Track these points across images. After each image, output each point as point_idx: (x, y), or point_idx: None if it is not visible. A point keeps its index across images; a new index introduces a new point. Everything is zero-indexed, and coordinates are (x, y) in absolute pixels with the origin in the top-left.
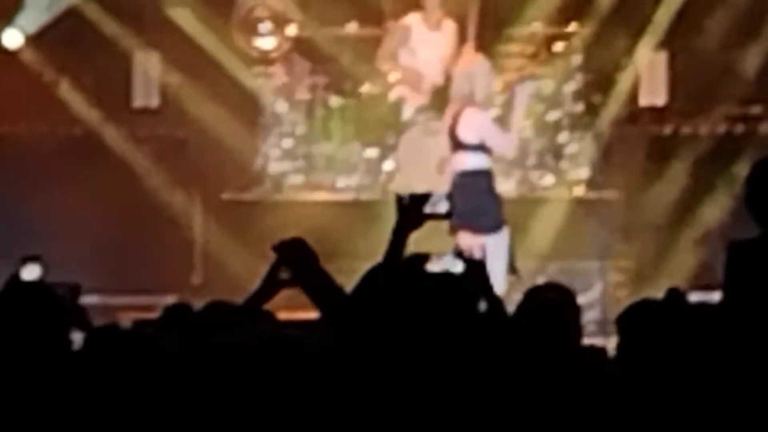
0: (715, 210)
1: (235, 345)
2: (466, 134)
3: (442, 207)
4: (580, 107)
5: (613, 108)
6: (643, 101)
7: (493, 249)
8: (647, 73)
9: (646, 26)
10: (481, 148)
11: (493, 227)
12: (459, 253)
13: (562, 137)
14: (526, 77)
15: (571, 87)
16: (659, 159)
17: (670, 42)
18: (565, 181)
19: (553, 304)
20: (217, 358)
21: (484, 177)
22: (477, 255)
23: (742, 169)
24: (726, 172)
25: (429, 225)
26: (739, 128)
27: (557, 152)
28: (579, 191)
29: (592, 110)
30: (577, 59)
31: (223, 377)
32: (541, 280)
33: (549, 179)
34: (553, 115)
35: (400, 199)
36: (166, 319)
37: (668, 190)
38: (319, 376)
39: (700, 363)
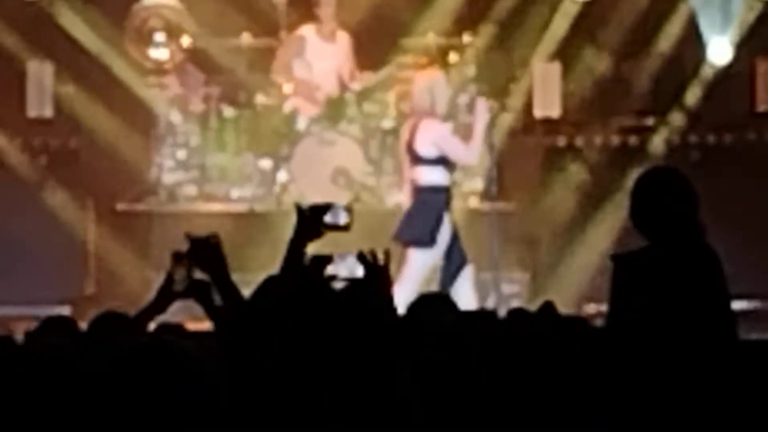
0: (609, 221)
1: (116, 354)
2: (423, 147)
3: (342, 218)
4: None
5: (507, 119)
6: (538, 113)
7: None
8: (541, 84)
9: (540, 38)
10: (441, 162)
11: (429, 242)
12: (361, 256)
13: None
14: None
15: (464, 98)
16: (553, 170)
17: (563, 53)
18: (459, 192)
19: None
20: (98, 368)
21: (441, 194)
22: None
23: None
24: (619, 183)
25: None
26: (633, 140)
27: (452, 162)
28: (473, 202)
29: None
30: (470, 70)
31: (103, 386)
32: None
33: None
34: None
35: (300, 210)
36: (43, 331)
37: (562, 201)
38: (198, 385)
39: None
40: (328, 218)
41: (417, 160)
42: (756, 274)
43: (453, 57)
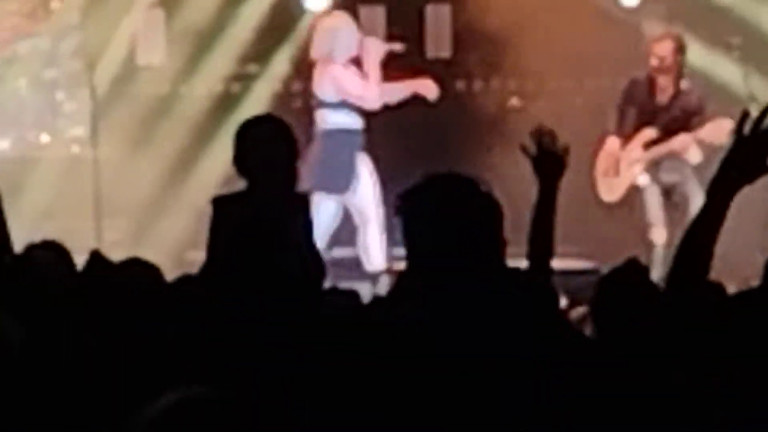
0: (212, 168)
1: None
2: (324, 91)
3: None
4: (77, 65)
5: (110, 67)
6: (141, 60)
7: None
8: (144, 32)
9: None
10: (344, 104)
11: (344, 187)
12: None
13: (59, 95)
14: None
15: (68, 45)
16: (157, 118)
17: (165, 1)
18: (62, 139)
19: None
20: None
21: (346, 136)
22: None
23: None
24: (223, 131)
25: None
26: (236, 87)
27: (54, 111)
28: (76, 150)
29: (89, 68)
30: (74, 17)
31: None
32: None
33: (45, 138)
34: (50, 73)
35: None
36: None
37: (165, 149)
38: None
39: None
40: None
41: (320, 104)
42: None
43: (56, 4)
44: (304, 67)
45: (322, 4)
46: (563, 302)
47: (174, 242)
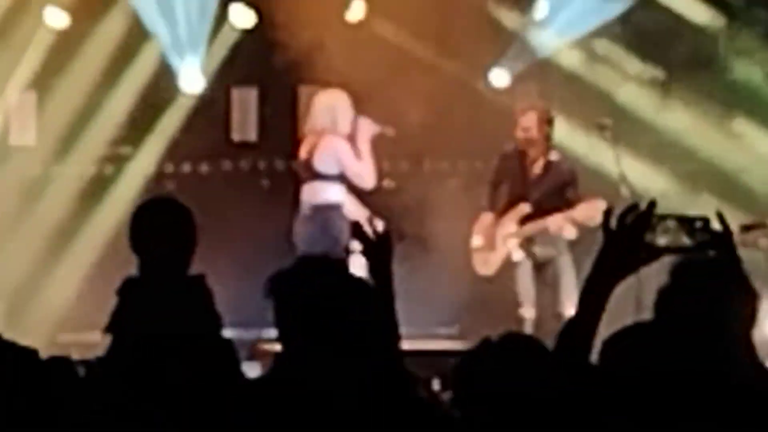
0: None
1: None
2: (324, 163)
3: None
4: None
5: None
6: (13, 141)
7: None
8: (16, 113)
9: (15, 67)
10: (338, 178)
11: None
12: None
13: None
14: None
15: None
16: (29, 199)
17: (39, 83)
18: None
19: None
20: None
21: (338, 211)
22: None
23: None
24: (95, 212)
25: None
26: (108, 169)
27: None
28: None
29: None
30: None
31: None
32: None
33: None
34: None
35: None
36: None
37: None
38: None
39: None
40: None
41: (315, 176)
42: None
43: None
44: (175, 149)
45: (198, 85)
46: (436, 385)
47: (47, 325)
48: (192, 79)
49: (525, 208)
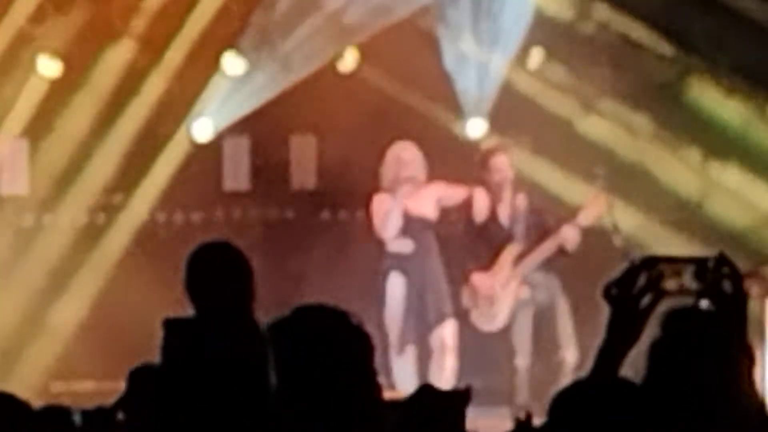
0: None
1: None
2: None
3: None
4: None
5: None
6: (4, 190)
7: None
8: (8, 161)
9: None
10: None
11: None
12: None
13: None
14: None
15: None
16: (21, 248)
17: (31, 131)
18: None
19: None
20: None
21: None
22: None
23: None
24: (87, 260)
25: None
26: (100, 218)
27: None
28: None
29: None
30: None
31: None
32: None
33: None
34: None
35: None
36: None
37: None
38: None
39: None
40: None
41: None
42: None
43: None
44: (168, 198)
45: (207, 134)
46: None
47: (39, 374)
48: (202, 128)
49: (514, 248)
